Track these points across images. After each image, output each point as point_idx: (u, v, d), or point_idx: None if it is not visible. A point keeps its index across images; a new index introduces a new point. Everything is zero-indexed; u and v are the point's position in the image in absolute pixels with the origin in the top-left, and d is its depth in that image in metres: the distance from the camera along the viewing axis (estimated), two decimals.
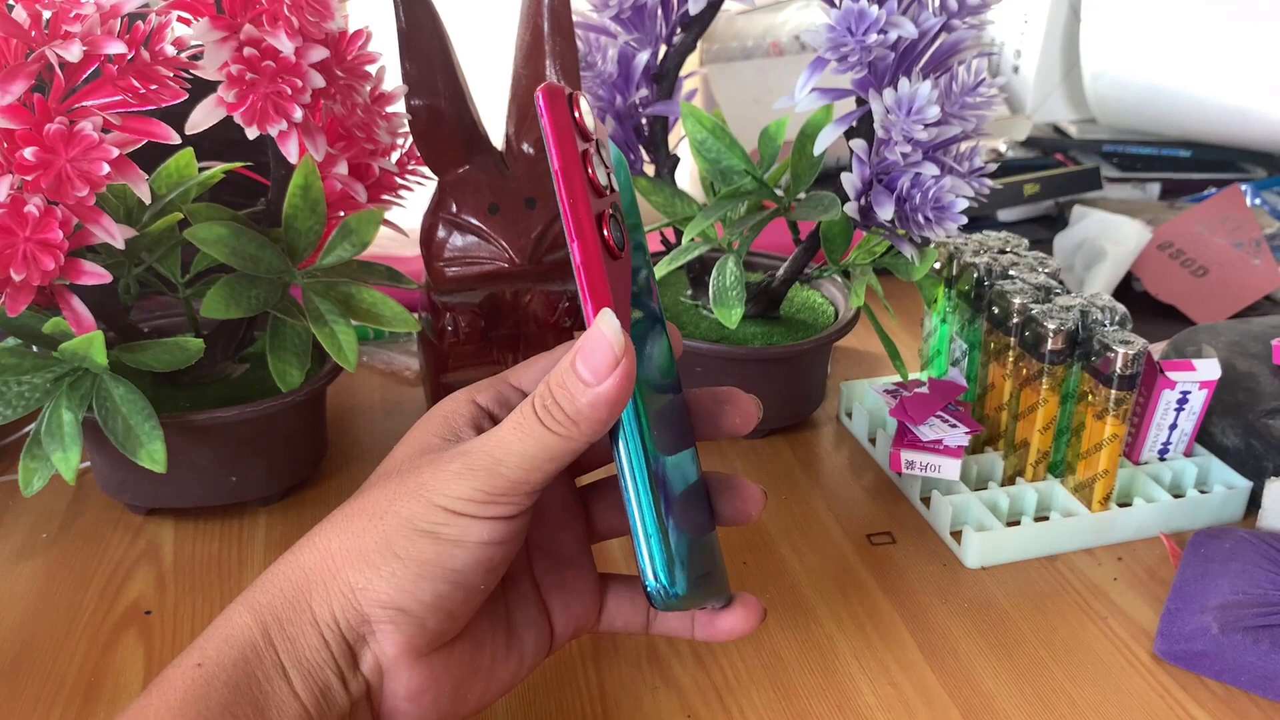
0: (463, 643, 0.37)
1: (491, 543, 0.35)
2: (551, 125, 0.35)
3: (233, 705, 0.33)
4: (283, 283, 0.53)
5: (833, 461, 0.65)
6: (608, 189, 0.36)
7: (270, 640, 0.34)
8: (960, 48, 0.53)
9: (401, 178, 0.60)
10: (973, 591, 0.52)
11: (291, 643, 0.34)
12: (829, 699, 0.46)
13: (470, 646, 0.38)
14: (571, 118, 0.35)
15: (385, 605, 0.34)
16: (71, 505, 0.59)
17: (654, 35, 0.63)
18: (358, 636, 0.35)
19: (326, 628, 0.35)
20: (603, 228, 0.35)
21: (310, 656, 0.34)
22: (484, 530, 0.35)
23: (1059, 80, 1.14)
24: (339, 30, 0.50)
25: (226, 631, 0.35)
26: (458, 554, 0.34)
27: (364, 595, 0.34)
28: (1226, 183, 1.03)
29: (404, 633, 0.35)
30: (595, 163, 0.36)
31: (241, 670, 0.33)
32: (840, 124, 0.54)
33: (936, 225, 0.54)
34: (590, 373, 0.34)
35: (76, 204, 0.44)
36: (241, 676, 0.33)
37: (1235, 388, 0.62)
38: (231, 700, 0.33)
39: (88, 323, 0.48)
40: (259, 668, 0.34)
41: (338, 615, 0.35)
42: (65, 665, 0.47)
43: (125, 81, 0.44)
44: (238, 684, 0.33)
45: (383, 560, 0.34)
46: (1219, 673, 0.46)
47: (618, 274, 0.36)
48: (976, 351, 0.63)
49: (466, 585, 0.35)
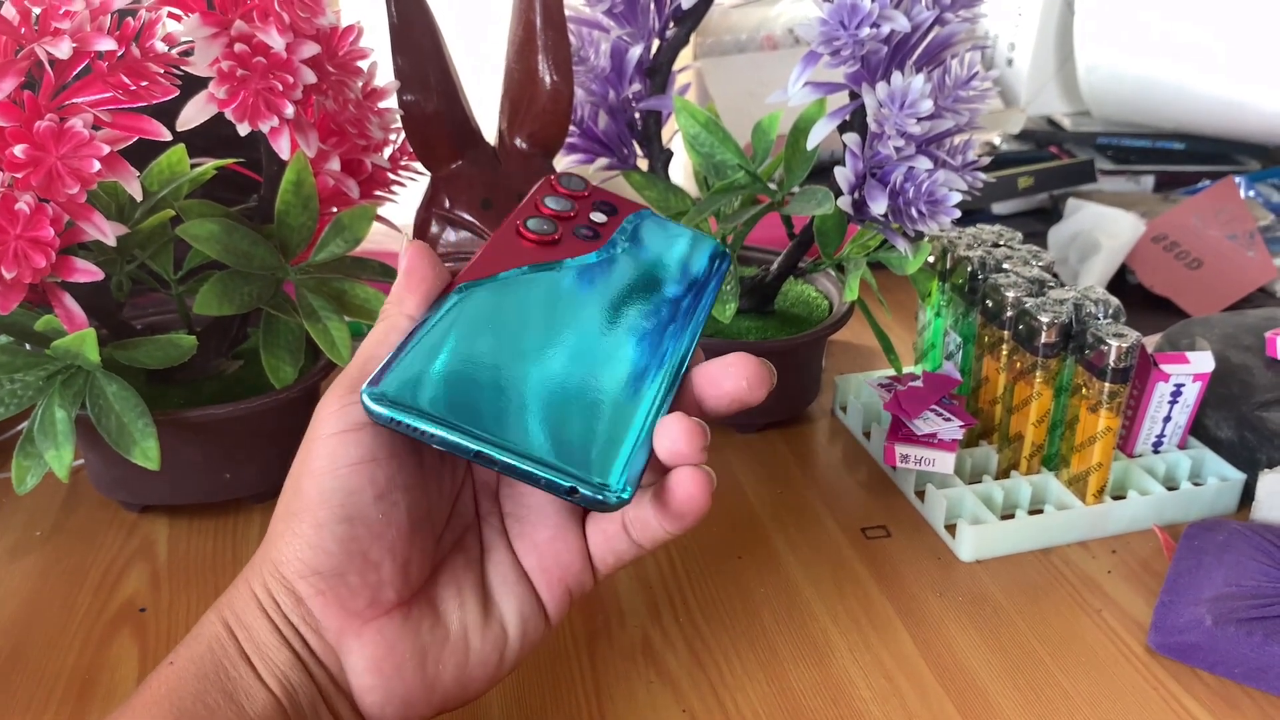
0: (419, 607, 0.37)
1: (360, 461, 0.34)
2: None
3: (203, 694, 0.34)
4: (275, 279, 0.53)
5: (828, 456, 0.65)
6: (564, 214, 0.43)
7: (230, 630, 0.36)
8: (953, 41, 0.53)
9: (394, 173, 0.60)
10: (967, 585, 0.52)
11: (247, 630, 0.35)
12: (824, 693, 0.46)
13: (429, 610, 0.37)
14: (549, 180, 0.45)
15: (302, 573, 0.35)
16: (65, 503, 0.58)
17: (647, 29, 0.62)
18: (299, 616, 0.35)
19: (271, 611, 0.36)
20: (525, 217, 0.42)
21: (265, 639, 0.35)
22: (344, 449, 0.34)
23: (1053, 73, 1.14)
24: (330, 26, 0.50)
25: (196, 631, 0.36)
26: (334, 484, 0.34)
27: (285, 568, 0.35)
28: (1220, 175, 1.03)
29: (331, 595, 0.35)
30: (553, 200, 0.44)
31: (209, 661, 0.35)
32: (833, 118, 0.54)
33: (930, 219, 0.54)
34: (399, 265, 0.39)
35: (67, 201, 0.44)
36: (209, 667, 0.35)
37: (1229, 380, 0.62)
38: (202, 690, 0.34)
39: (80, 320, 0.48)
40: (224, 656, 0.35)
41: (275, 595, 0.35)
42: (60, 663, 0.47)
43: (115, 78, 0.44)
44: (206, 674, 0.35)
45: (285, 525, 0.35)
46: (1212, 665, 0.46)
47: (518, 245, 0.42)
48: (971, 345, 0.63)
49: (362, 518, 0.34)
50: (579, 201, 0.44)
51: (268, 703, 0.34)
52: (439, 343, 0.36)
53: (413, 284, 0.39)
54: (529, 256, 0.41)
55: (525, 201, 0.44)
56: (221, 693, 0.34)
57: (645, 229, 0.45)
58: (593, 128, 0.66)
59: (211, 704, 0.34)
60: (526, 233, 0.42)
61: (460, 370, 0.35)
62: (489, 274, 0.40)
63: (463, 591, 0.38)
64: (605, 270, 0.42)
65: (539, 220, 0.42)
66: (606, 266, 0.42)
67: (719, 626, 0.49)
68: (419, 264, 0.39)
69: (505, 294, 0.39)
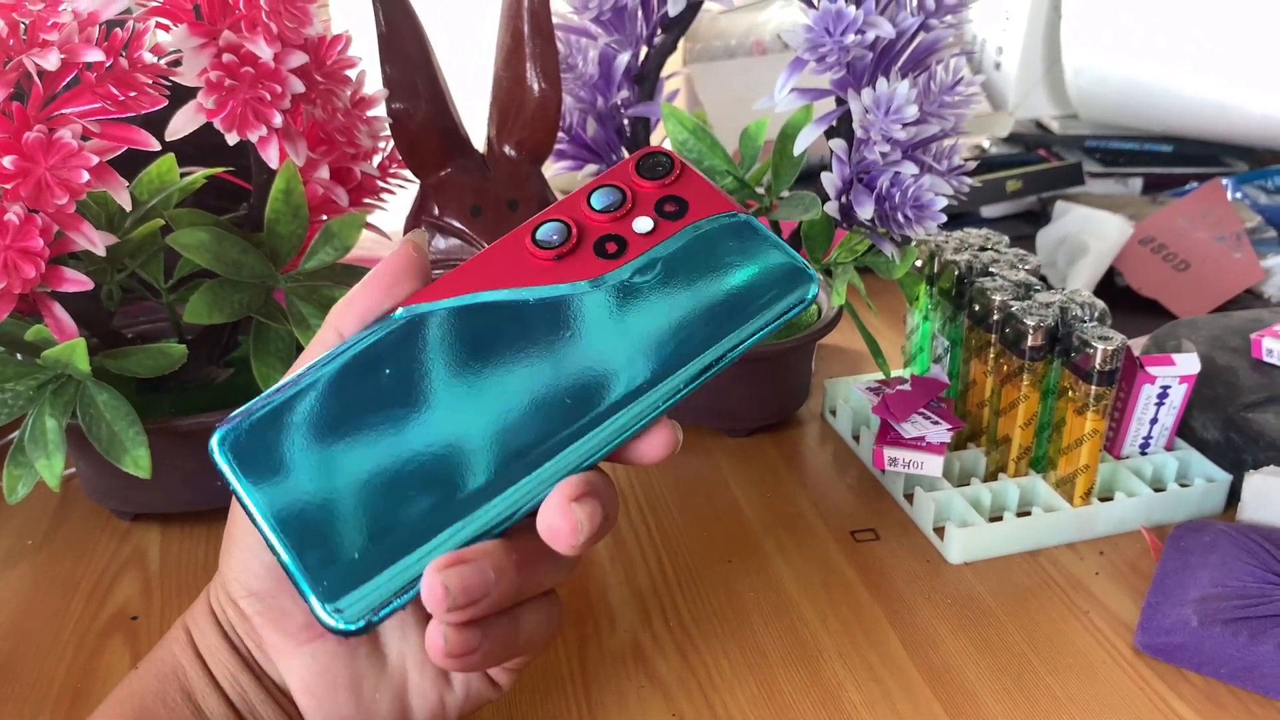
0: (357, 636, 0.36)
1: None
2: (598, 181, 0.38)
3: (163, 694, 0.36)
4: (266, 287, 0.53)
5: (817, 459, 0.65)
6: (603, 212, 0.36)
7: (189, 635, 0.38)
8: (938, 47, 0.54)
9: (383, 181, 0.60)
10: (956, 587, 0.53)
11: (202, 634, 0.37)
12: (813, 695, 0.46)
13: (366, 641, 0.37)
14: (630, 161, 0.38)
15: (240, 593, 0.36)
16: (57, 512, 0.59)
17: (634, 36, 0.63)
18: (243, 630, 0.37)
19: (221, 619, 0.37)
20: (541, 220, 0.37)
21: (215, 644, 0.37)
22: None
23: (1041, 76, 1.14)
24: (318, 35, 0.50)
25: (164, 639, 0.39)
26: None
27: (229, 586, 0.36)
28: (1208, 177, 1.04)
29: (268, 615, 0.36)
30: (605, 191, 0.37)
31: (169, 664, 0.37)
32: (820, 124, 0.54)
33: (916, 224, 0.54)
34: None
35: (57, 212, 0.44)
36: (169, 669, 0.37)
37: (1215, 382, 0.62)
38: (162, 689, 0.37)
39: (70, 329, 0.48)
40: (184, 657, 0.37)
41: (226, 608, 0.37)
42: (51, 671, 0.47)
43: (104, 89, 0.44)
44: (166, 675, 0.37)
45: (227, 545, 0.36)
46: (1199, 665, 0.47)
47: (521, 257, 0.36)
48: (958, 348, 0.63)
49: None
50: (641, 194, 0.37)
51: (220, 703, 0.36)
52: (307, 396, 0.34)
53: (363, 293, 0.35)
54: (512, 276, 0.36)
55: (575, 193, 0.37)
56: (181, 692, 0.36)
57: (711, 242, 0.36)
58: (581, 134, 0.66)
59: (171, 703, 0.36)
60: (530, 244, 0.36)
61: (300, 440, 0.33)
62: (442, 295, 0.35)
63: (405, 624, 0.37)
64: (575, 313, 0.35)
65: (551, 227, 0.36)
66: (581, 307, 0.35)
67: (708, 630, 0.50)
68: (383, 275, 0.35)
69: (431, 332, 0.35)
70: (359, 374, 0.34)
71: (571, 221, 0.36)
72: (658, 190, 0.37)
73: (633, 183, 0.37)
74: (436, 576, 0.31)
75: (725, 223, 0.36)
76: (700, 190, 0.37)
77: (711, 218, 0.36)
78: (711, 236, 0.36)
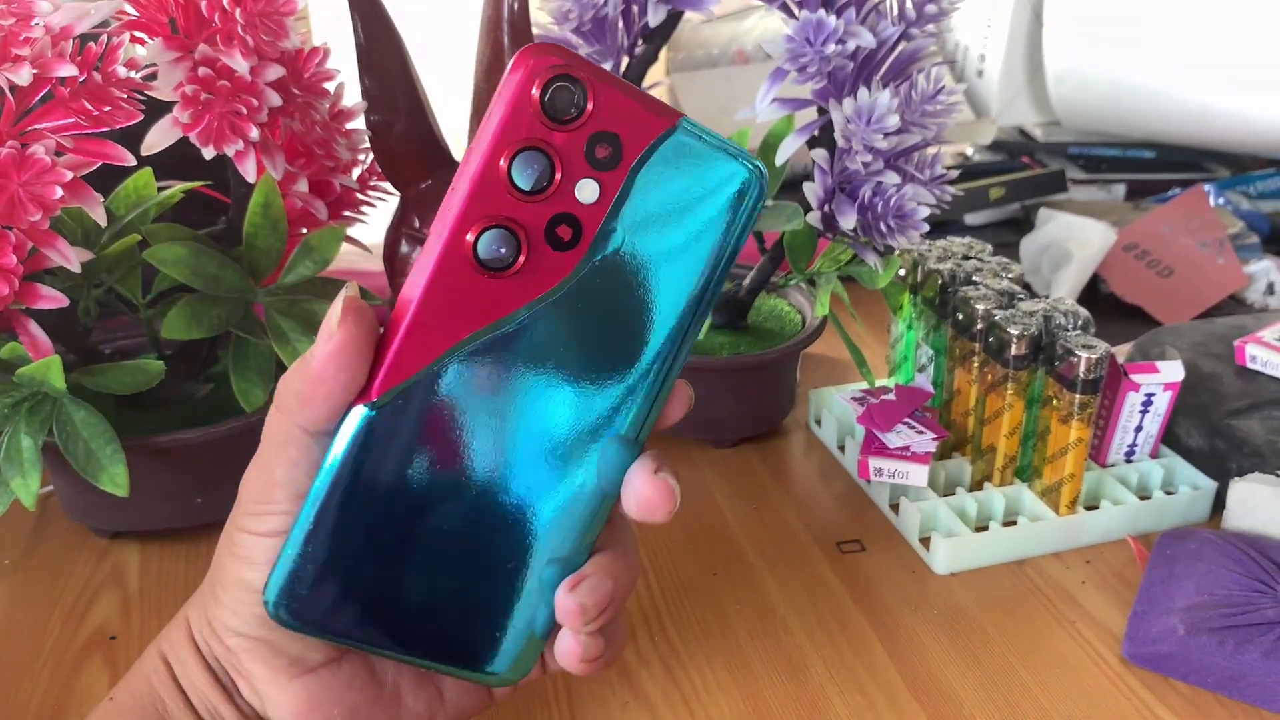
0: (351, 665, 0.36)
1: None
2: (494, 100, 0.31)
3: None
4: (245, 301, 0.53)
5: (802, 469, 0.65)
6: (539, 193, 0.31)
7: (168, 665, 0.37)
8: (919, 56, 0.54)
9: (363, 194, 0.60)
10: (941, 598, 0.52)
11: (183, 665, 0.36)
12: (799, 708, 0.46)
13: (362, 670, 0.37)
14: (529, 97, 0.30)
15: (231, 632, 0.35)
16: (35, 530, 0.58)
17: (616, 47, 0.62)
18: (230, 665, 0.36)
19: (206, 655, 0.36)
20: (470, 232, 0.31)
21: (197, 676, 0.36)
22: (268, 546, 0.34)
23: (1023, 84, 1.14)
24: (296, 48, 0.50)
25: (137, 666, 0.38)
26: (253, 575, 0.34)
27: (217, 625, 0.36)
28: (1190, 183, 1.04)
29: (260, 656, 0.35)
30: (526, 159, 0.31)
31: (146, 695, 0.36)
32: (801, 134, 0.54)
33: (899, 233, 0.54)
34: (315, 346, 0.32)
35: (30, 228, 0.44)
36: (145, 701, 0.36)
37: (1199, 389, 0.62)
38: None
39: (45, 347, 0.48)
40: (162, 688, 0.36)
41: (210, 643, 0.36)
42: (29, 693, 0.47)
43: (78, 104, 0.44)
44: (143, 706, 0.36)
45: (218, 589, 0.35)
46: (1186, 674, 0.47)
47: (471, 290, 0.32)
48: (942, 358, 0.63)
49: None
50: (563, 148, 0.31)
51: None
52: (329, 529, 0.33)
53: (318, 396, 0.32)
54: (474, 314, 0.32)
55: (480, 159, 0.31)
56: None
57: (659, 180, 0.32)
58: None
59: None
60: (476, 264, 0.31)
61: (352, 569, 0.34)
62: (405, 375, 0.32)
63: None
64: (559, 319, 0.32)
65: (493, 237, 0.31)
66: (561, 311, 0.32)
67: (694, 644, 0.49)
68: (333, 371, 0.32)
69: (417, 414, 0.32)
70: (375, 479, 0.33)
71: (511, 224, 0.31)
72: (578, 135, 0.31)
73: (549, 139, 0.31)
74: (570, 597, 0.34)
75: (663, 149, 0.31)
76: (621, 112, 0.31)
77: (647, 149, 0.31)
78: (656, 173, 0.32)
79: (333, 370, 0.32)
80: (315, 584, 0.33)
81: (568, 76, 0.30)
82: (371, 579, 0.34)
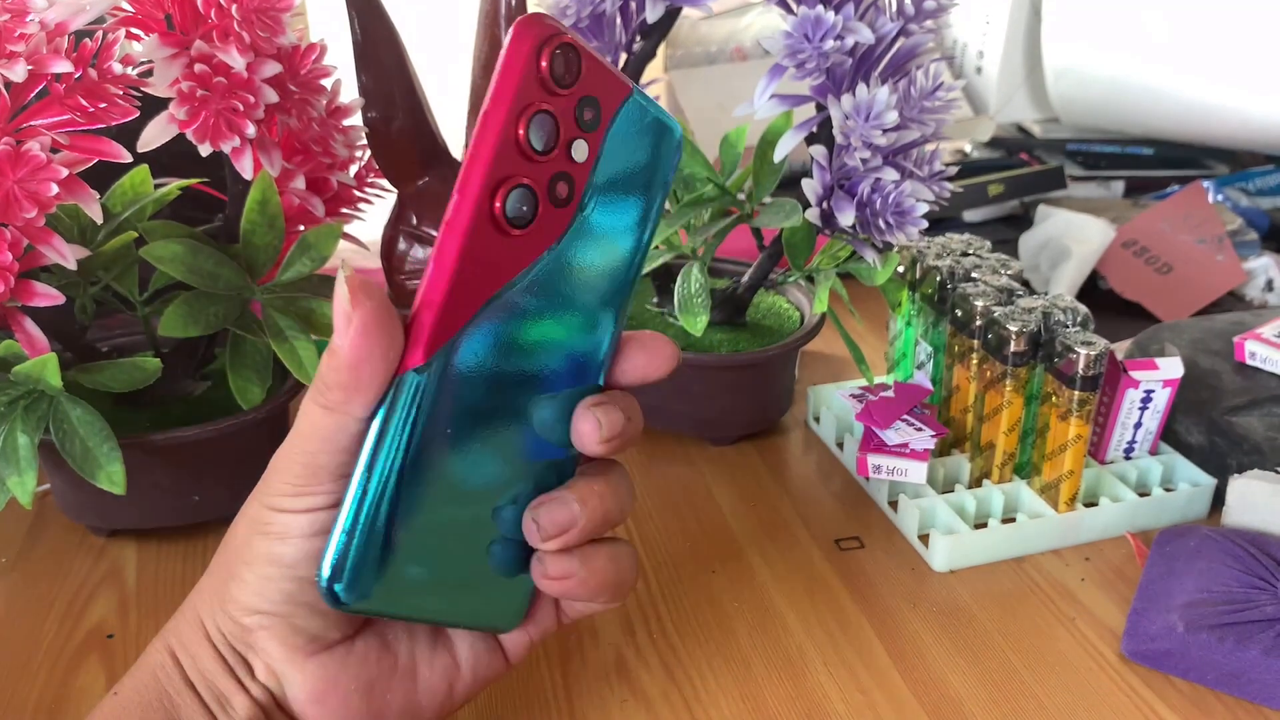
0: (366, 640, 0.37)
1: (314, 534, 0.34)
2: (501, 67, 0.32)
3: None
4: (242, 299, 0.53)
5: (801, 467, 0.65)
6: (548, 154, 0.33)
7: (176, 659, 0.36)
8: (918, 52, 0.53)
9: (360, 191, 0.60)
10: (941, 595, 0.52)
11: (193, 659, 0.36)
12: (798, 707, 0.45)
13: (375, 641, 0.37)
14: (536, 64, 0.32)
15: (250, 611, 0.35)
16: (32, 529, 0.58)
17: (613, 43, 0.62)
18: (245, 645, 0.36)
19: (217, 641, 0.36)
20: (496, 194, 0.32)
21: (209, 668, 0.36)
22: (303, 523, 0.34)
23: (1022, 80, 1.14)
24: (292, 44, 0.50)
25: (142, 661, 0.37)
26: (286, 550, 0.34)
27: (233, 606, 0.35)
28: (1189, 180, 1.04)
29: (278, 635, 0.35)
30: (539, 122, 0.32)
31: (153, 690, 0.36)
32: (800, 130, 0.54)
33: (898, 230, 0.54)
34: (337, 335, 0.32)
35: (25, 225, 0.44)
36: (153, 696, 0.35)
37: (1198, 385, 0.62)
38: (145, 718, 0.35)
39: (41, 345, 0.48)
40: (169, 684, 0.36)
41: (222, 628, 0.36)
42: (26, 692, 0.46)
43: (73, 100, 0.44)
44: (150, 702, 0.35)
45: (241, 568, 0.35)
46: (1185, 671, 0.47)
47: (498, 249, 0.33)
48: (941, 354, 0.63)
49: (310, 579, 0.34)
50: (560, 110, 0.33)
51: None
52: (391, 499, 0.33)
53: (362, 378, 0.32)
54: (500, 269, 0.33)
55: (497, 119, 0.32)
56: (166, 718, 0.35)
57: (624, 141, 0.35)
58: None
59: None
60: (503, 221, 0.33)
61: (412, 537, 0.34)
62: (448, 335, 0.33)
63: (412, 624, 0.38)
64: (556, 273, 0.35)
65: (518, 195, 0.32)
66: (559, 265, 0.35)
67: (693, 642, 0.49)
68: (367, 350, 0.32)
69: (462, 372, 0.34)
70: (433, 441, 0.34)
71: (530, 181, 0.33)
72: (571, 99, 0.33)
73: (554, 102, 0.32)
74: (527, 515, 0.36)
75: (627, 111, 0.35)
76: (598, 76, 0.33)
77: (616, 112, 0.34)
78: (622, 134, 0.35)
79: (366, 349, 0.32)
80: (379, 555, 0.34)
81: (566, 44, 0.32)
82: (426, 544, 0.35)
